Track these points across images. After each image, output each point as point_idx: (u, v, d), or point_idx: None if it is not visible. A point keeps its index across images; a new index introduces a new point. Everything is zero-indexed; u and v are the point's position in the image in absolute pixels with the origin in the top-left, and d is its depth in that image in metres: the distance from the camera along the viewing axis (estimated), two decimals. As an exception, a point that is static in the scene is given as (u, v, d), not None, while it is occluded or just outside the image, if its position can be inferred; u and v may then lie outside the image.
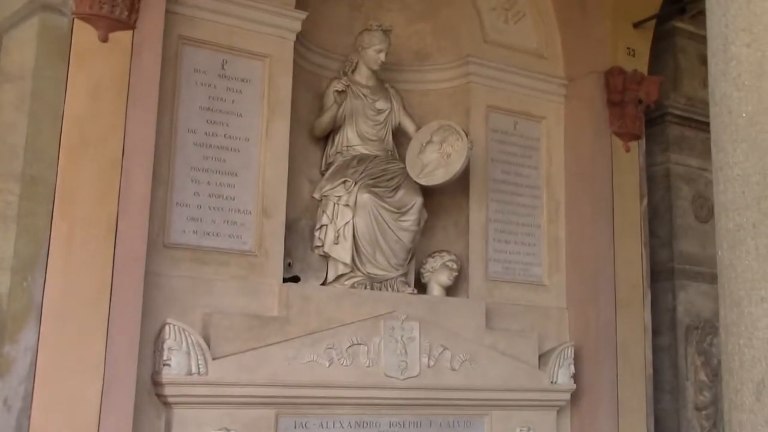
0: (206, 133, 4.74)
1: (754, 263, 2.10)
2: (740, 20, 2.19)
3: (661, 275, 6.33)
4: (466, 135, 5.27)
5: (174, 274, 4.48)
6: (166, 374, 4.27)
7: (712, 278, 4.00)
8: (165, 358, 4.27)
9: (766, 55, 2.15)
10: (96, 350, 4.00)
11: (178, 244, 4.56)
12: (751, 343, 2.09)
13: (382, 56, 5.42)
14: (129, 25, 4.30)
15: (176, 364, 4.25)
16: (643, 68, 6.14)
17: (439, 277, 5.40)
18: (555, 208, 6.04)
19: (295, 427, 4.58)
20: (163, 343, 4.30)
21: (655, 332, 6.07)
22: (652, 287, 6.06)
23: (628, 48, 6.09)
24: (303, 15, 5.12)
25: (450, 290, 5.49)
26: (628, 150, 6.03)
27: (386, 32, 5.43)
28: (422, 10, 6.00)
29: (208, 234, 4.66)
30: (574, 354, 5.54)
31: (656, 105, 6.30)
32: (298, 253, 5.14)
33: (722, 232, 2.18)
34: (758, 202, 2.10)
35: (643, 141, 6.18)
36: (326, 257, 5.15)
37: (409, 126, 5.60)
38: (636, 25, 6.16)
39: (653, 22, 6.25)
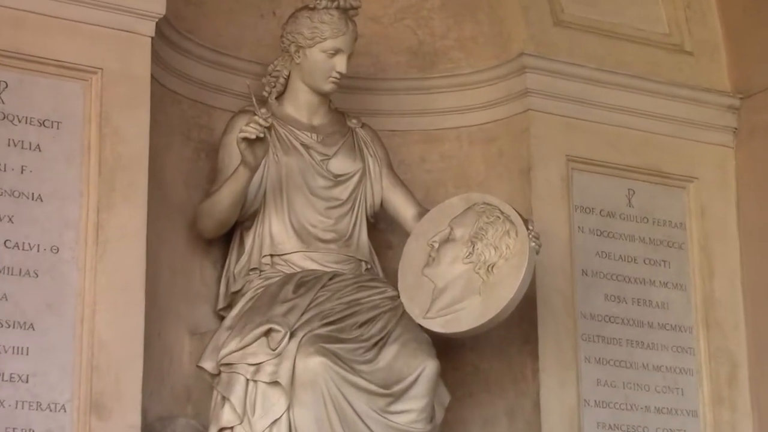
0: (-33, 240, 4.97)
1: None
2: None
3: None
4: (526, 223, 5.26)
5: None
6: None
7: None
8: None
9: None
10: None
11: None
12: None
13: (340, 63, 5.50)
14: None
15: None
16: None
17: None
18: (728, 372, 6.17)
19: None
20: None
21: None
22: None
23: None
24: (171, -16, 5.34)
25: None
26: None
27: (346, 12, 5.52)
28: (419, -35, 6.30)
29: (-22, 461, 4.77)
30: None
31: None
32: (174, 490, 5.13)
33: None
34: None
35: None
36: (235, 497, 5.22)
37: (401, 206, 5.73)
38: None
39: None
